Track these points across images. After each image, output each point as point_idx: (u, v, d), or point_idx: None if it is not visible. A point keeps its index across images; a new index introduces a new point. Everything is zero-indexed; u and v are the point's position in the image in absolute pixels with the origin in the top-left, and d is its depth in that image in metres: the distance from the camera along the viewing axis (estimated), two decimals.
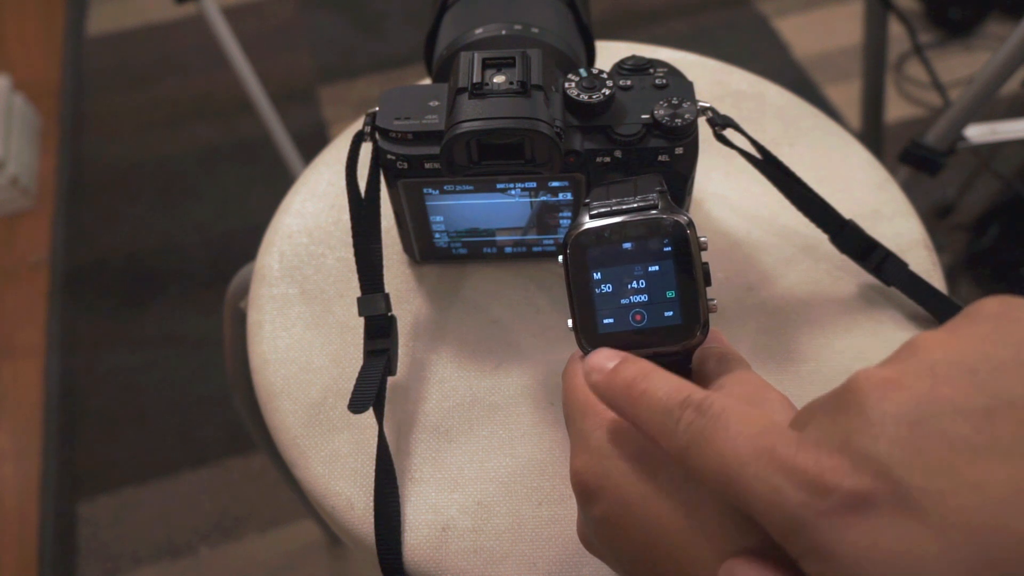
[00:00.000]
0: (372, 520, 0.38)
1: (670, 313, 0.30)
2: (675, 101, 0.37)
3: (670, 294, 0.30)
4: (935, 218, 1.22)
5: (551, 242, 0.44)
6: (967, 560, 0.18)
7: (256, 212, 1.37)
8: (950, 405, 0.20)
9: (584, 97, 0.37)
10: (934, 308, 0.42)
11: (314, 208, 0.50)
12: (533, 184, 0.40)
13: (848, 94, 1.42)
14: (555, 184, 0.40)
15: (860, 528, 0.19)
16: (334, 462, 0.40)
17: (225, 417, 1.13)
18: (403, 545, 0.38)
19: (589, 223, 0.31)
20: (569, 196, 0.41)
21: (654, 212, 0.30)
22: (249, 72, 1.09)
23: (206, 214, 1.38)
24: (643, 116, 0.37)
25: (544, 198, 0.41)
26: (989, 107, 0.71)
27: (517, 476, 0.39)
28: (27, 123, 1.47)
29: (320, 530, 1.02)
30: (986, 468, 0.19)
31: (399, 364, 0.42)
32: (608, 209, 0.31)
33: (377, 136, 0.39)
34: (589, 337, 0.30)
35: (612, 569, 0.28)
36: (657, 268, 0.30)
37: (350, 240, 0.40)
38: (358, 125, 0.40)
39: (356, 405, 0.37)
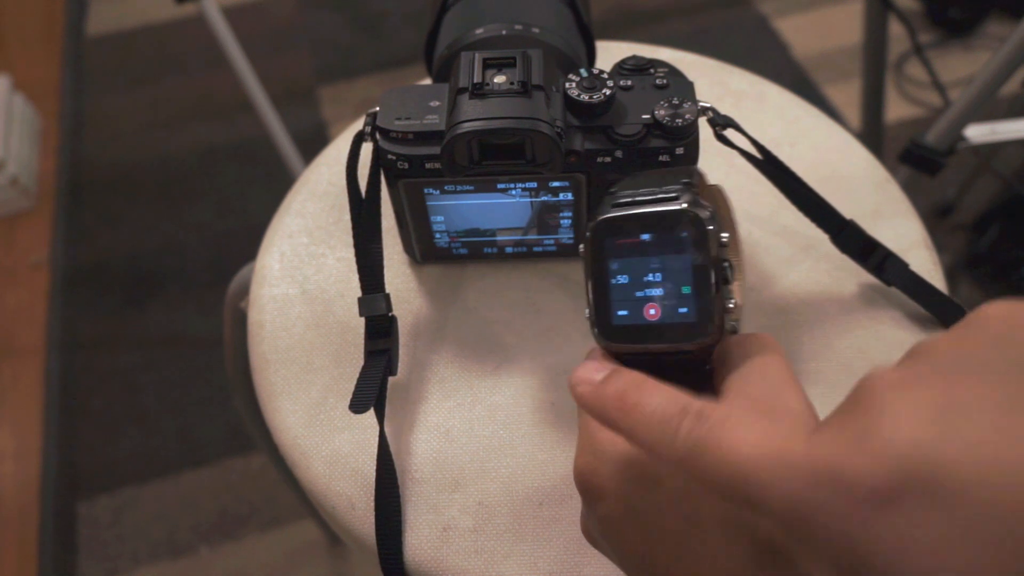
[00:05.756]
0: (373, 520, 0.38)
1: (685, 310, 0.28)
2: (675, 101, 0.37)
3: (686, 290, 0.28)
4: (935, 218, 1.22)
5: (552, 242, 0.44)
6: (998, 543, 0.18)
7: (256, 212, 1.37)
8: (965, 401, 0.20)
9: (584, 97, 0.37)
10: (935, 308, 0.42)
11: (314, 208, 0.50)
12: (534, 184, 0.40)
13: (848, 94, 1.42)
14: (556, 184, 0.40)
15: (892, 523, 0.19)
16: (335, 462, 0.40)
17: (225, 417, 1.13)
18: (404, 545, 0.38)
19: (611, 211, 0.30)
20: (570, 196, 0.41)
21: (675, 204, 0.29)
22: (249, 72, 1.09)
23: (206, 214, 1.38)
24: (644, 116, 0.37)
25: (545, 198, 0.41)
26: (989, 107, 0.71)
27: (518, 476, 0.39)
28: (27, 123, 1.47)
29: (320, 530, 1.02)
30: (1008, 453, 0.19)
31: (400, 364, 0.42)
32: (631, 199, 0.30)
33: (378, 136, 0.39)
34: (603, 328, 0.29)
35: (614, 564, 0.29)
36: (674, 262, 0.28)
37: (351, 240, 0.40)
38: (358, 125, 0.40)
39: (357, 405, 0.37)
